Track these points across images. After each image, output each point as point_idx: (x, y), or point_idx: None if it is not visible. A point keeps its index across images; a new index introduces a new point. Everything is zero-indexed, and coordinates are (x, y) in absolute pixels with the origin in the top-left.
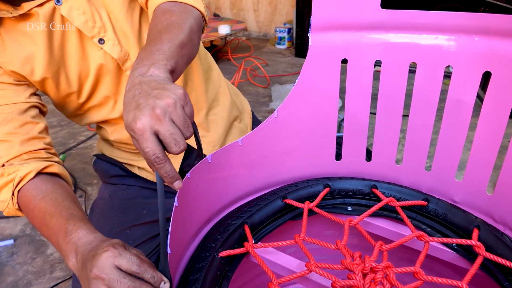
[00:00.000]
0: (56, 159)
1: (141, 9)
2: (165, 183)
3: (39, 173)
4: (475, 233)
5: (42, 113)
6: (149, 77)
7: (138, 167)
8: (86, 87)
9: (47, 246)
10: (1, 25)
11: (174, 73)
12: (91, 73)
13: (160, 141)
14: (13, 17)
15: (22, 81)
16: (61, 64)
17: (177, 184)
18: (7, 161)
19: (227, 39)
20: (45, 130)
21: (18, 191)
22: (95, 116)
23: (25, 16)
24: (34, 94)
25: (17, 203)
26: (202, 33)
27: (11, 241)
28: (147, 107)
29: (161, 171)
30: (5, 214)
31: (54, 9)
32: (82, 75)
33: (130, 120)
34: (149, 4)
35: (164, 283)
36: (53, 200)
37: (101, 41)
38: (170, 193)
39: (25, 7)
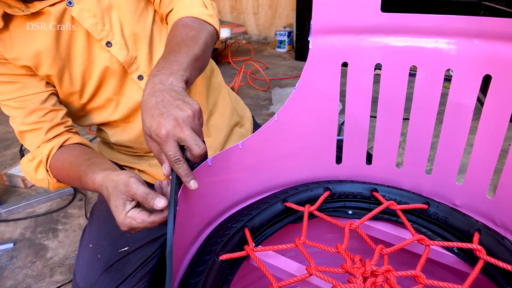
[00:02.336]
0: (75, 132)
1: (154, 16)
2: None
3: (61, 146)
4: (476, 236)
5: (59, 99)
6: (169, 86)
7: (138, 170)
8: (89, 88)
9: (47, 249)
10: (11, 22)
11: (187, 83)
12: (95, 74)
13: (181, 147)
14: (25, 15)
15: (33, 72)
16: (66, 63)
17: (193, 184)
18: (37, 147)
19: (227, 42)
20: (66, 114)
21: (49, 166)
22: (96, 117)
23: (35, 14)
24: (49, 83)
25: (54, 177)
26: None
27: (10, 245)
28: (170, 117)
29: (179, 170)
30: (51, 189)
31: (65, 10)
32: (86, 76)
33: (155, 127)
34: (171, 16)
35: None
36: (70, 166)
37: (108, 44)
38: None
39: (37, 6)
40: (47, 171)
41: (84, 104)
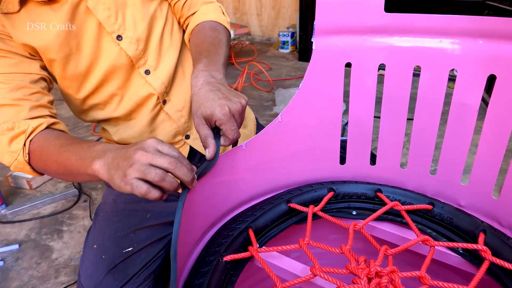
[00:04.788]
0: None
1: (166, 15)
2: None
3: (47, 128)
4: (481, 237)
5: (49, 89)
6: (219, 81)
7: None
8: (93, 80)
9: (52, 251)
10: (24, 5)
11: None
12: (100, 67)
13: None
14: (42, 1)
15: (34, 56)
16: (73, 51)
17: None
18: (17, 122)
19: (231, 43)
20: (52, 102)
21: (30, 141)
22: (99, 113)
23: (52, 1)
24: (45, 69)
25: (28, 153)
26: None
27: (16, 246)
28: (235, 100)
29: (236, 137)
30: (12, 168)
31: (81, 0)
32: (92, 68)
33: (219, 108)
34: (195, 18)
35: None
36: (67, 138)
37: (119, 37)
38: (173, 196)
39: None
40: (24, 145)
41: (85, 97)
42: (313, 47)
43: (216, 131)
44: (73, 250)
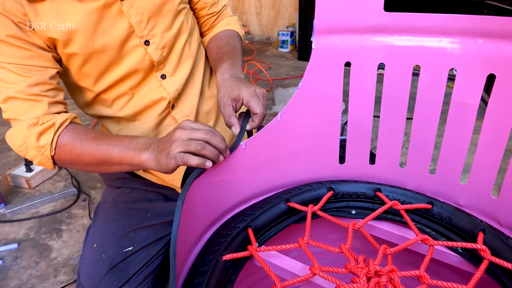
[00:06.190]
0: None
1: (189, 33)
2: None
3: (71, 123)
4: (480, 236)
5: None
6: (242, 78)
7: (143, 170)
8: (110, 77)
9: (51, 250)
10: None
11: None
12: (121, 67)
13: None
14: None
15: (50, 48)
16: (98, 50)
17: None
18: (39, 116)
19: None
20: (63, 96)
21: (58, 136)
22: (103, 110)
23: None
24: (59, 61)
25: (54, 148)
26: None
27: (15, 245)
28: (258, 87)
29: (261, 107)
30: (35, 163)
31: (116, 1)
32: (112, 66)
33: (250, 86)
34: (220, 25)
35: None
36: (98, 132)
37: (146, 42)
38: (174, 195)
39: None
40: (52, 140)
41: (98, 93)
42: (313, 46)
43: (245, 116)
44: (72, 249)
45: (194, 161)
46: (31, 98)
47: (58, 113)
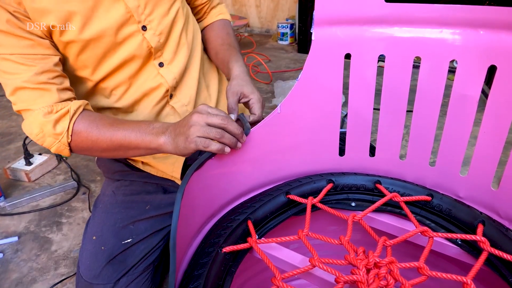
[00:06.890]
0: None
1: (184, 20)
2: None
3: (84, 109)
4: (480, 228)
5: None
6: (246, 70)
7: (142, 162)
8: (108, 65)
9: (51, 243)
10: None
11: None
12: (118, 54)
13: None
14: None
15: (47, 36)
16: (94, 36)
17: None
18: (52, 104)
19: None
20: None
21: (74, 123)
22: (102, 100)
23: None
24: (58, 50)
25: (71, 135)
26: None
27: (15, 238)
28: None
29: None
30: (53, 150)
31: None
32: (109, 53)
33: (251, 88)
34: (215, 13)
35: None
36: (113, 118)
37: (144, 28)
38: (173, 187)
39: None
40: (68, 127)
41: (96, 82)
42: (313, 38)
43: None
44: (73, 242)
45: (215, 146)
46: (40, 86)
47: (69, 99)
